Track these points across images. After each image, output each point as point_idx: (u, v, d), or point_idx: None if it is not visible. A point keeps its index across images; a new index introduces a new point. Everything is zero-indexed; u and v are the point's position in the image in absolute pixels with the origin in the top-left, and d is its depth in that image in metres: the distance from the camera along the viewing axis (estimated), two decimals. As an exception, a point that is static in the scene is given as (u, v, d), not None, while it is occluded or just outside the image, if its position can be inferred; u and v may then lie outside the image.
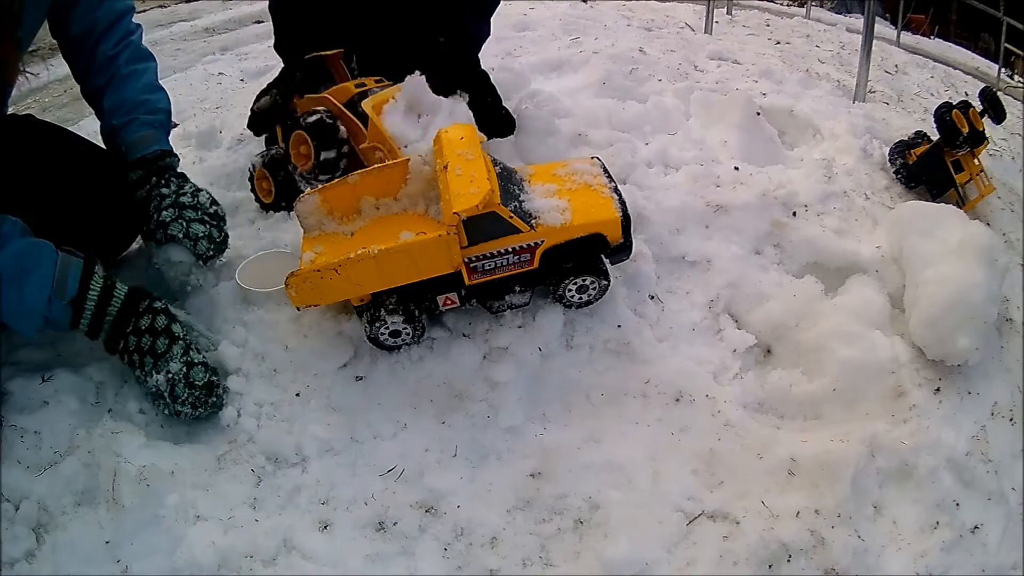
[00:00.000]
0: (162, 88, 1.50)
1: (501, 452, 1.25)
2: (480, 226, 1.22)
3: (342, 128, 1.52)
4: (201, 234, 1.36)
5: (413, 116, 1.45)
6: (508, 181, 1.31)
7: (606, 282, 1.36)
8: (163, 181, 1.40)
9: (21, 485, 1.08)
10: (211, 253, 1.39)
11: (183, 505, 1.11)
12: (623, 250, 1.37)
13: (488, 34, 1.93)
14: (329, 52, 1.67)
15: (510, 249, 1.26)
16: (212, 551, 1.05)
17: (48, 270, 1.17)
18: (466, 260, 1.25)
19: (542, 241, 1.27)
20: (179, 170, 1.46)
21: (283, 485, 1.18)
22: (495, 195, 1.21)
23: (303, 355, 1.32)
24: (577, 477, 1.21)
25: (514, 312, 1.37)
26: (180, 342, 1.23)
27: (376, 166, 1.37)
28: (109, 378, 1.28)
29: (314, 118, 1.50)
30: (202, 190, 1.42)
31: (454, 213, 1.18)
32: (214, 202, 1.43)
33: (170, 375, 1.20)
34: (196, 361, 1.22)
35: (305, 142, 1.48)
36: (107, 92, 1.43)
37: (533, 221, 1.27)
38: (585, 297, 1.37)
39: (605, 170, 1.43)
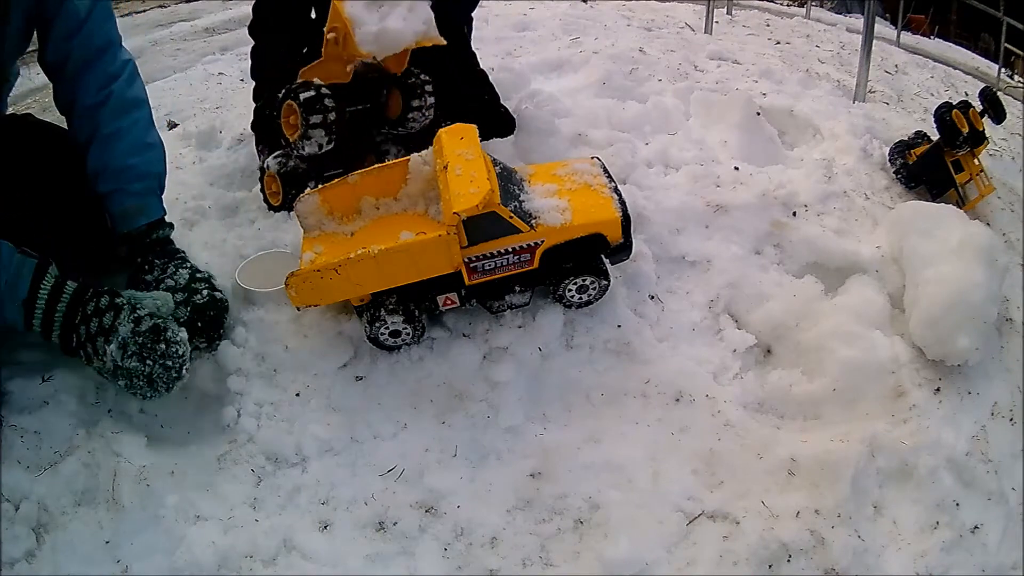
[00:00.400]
0: (153, 144, 1.40)
1: (501, 452, 1.25)
2: (480, 226, 1.22)
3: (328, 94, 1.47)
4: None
5: (375, 5, 1.44)
6: (508, 181, 1.31)
7: (606, 282, 1.36)
8: (147, 266, 1.32)
9: (21, 485, 1.08)
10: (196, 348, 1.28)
11: (183, 505, 1.11)
12: (623, 250, 1.37)
13: (474, 6, 1.92)
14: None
15: (510, 249, 1.26)
16: (212, 551, 1.06)
17: (2, 272, 1.13)
18: (466, 260, 1.25)
19: (542, 241, 1.27)
20: (171, 235, 1.39)
21: (283, 485, 1.18)
22: (495, 195, 1.21)
23: (303, 355, 1.32)
24: (577, 477, 1.21)
25: (514, 312, 1.37)
26: (125, 307, 1.16)
27: (376, 166, 1.37)
28: (109, 378, 1.28)
29: (302, 88, 1.46)
30: (184, 267, 1.31)
31: (454, 213, 1.18)
32: (195, 279, 1.31)
33: (120, 338, 1.14)
34: (142, 314, 1.16)
35: (294, 112, 1.46)
36: (90, 150, 1.34)
37: (533, 221, 1.27)
38: (585, 297, 1.37)
39: (605, 170, 1.43)
